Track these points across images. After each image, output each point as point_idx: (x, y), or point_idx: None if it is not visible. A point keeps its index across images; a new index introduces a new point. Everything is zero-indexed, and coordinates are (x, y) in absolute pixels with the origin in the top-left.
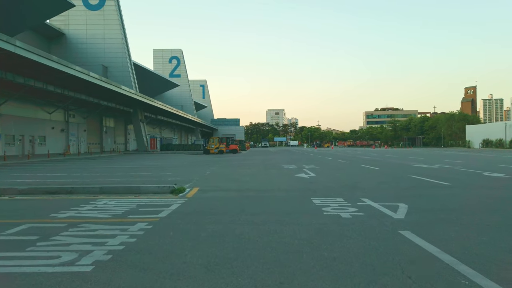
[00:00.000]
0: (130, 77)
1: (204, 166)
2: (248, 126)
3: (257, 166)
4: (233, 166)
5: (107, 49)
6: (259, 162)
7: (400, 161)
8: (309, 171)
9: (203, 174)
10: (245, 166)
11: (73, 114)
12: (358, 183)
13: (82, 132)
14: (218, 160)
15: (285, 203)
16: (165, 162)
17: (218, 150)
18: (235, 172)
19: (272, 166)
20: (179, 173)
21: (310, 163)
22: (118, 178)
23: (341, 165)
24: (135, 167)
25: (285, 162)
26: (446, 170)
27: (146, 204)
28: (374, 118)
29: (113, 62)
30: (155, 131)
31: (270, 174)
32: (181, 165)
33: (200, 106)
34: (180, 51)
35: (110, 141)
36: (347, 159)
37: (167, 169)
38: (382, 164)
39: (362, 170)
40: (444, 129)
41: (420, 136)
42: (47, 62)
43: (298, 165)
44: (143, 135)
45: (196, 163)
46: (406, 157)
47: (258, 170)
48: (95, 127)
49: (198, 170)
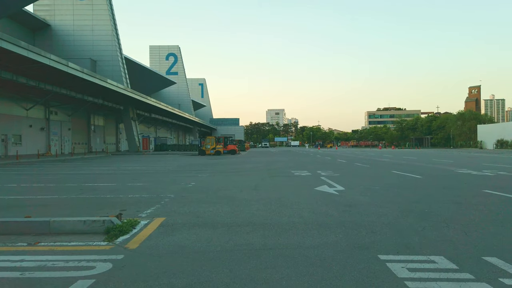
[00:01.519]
0: (121, 71)
1: (192, 171)
2: (247, 126)
3: (260, 172)
4: (229, 173)
5: (96, 41)
6: (261, 166)
7: (430, 165)
8: (331, 181)
9: (185, 185)
10: (245, 173)
11: (55, 111)
12: (421, 204)
13: (66, 131)
14: (213, 163)
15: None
16: (149, 166)
17: (215, 151)
18: (230, 184)
19: (279, 172)
20: (154, 183)
21: (323, 167)
22: (53, 195)
23: (364, 170)
24: (105, 173)
25: (294, 166)
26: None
27: (24, 277)
28: (376, 118)
29: (102, 56)
30: (150, 130)
31: (279, 186)
32: (165, 170)
33: (199, 105)
34: (177, 47)
35: (99, 141)
36: (364, 161)
37: (142, 177)
38: (416, 170)
39: (401, 180)
40: (454, 129)
41: (428, 136)
42: (14, 48)
43: (311, 170)
44: (134, 134)
45: (184, 168)
46: (429, 159)
47: (261, 179)
48: (81, 126)
49: (182, 178)
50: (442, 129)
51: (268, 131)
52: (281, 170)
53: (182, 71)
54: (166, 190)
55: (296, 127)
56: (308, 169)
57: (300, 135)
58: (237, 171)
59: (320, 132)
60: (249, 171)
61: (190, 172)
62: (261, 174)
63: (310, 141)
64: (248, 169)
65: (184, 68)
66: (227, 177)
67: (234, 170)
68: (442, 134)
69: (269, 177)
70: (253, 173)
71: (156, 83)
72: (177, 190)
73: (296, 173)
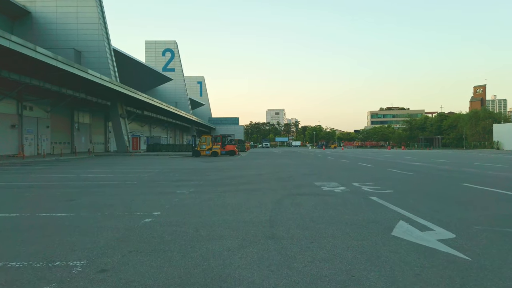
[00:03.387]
0: (108, 64)
1: (171, 183)
2: (247, 126)
3: (269, 184)
4: (224, 186)
5: (81, 30)
6: (268, 173)
7: (476, 170)
8: (399, 208)
9: (137, 222)
10: (247, 186)
11: (30, 106)
12: None
13: (43, 128)
14: (205, 168)
15: None
16: (121, 172)
17: (211, 152)
18: (221, 214)
19: (297, 185)
20: (89, 212)
21: (353, 175)
22: None
23: (417, 181)
24: (41, 184)
25: (311, 173)
26: None
27: None
28: (379, 118)
29: (88, 47)
30: (144, 129)
31: (314, 225)
32: (136, 180)
33: (197, 104)
34: (174, 43)
35: (84, 140)
36: (395, 166)
37: (85, 196)
38: (483, 179)
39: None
40: (467, 129)
41: (438, 136)
42: None
43: (341, 181)
44: (123, 133)
45: (166, 176)
46: (467, 163)
47: (276, 203)
48: (63, 123)
49: (146, 199)
50: (453, 129)
51: (268, 131)
52: (298, 180)
53: (180, 68)
54: (82, 242)
55: (297, 127)
56: (335, 179)
57: (301, 135)
58: (235, 182)
59: (323, 132)
60: (253, 183)
61: (168, 184)
62: (271, 188)
63: (312, 141)
64: (251, 179)
65: (181, 65)
66: (219, 198)
67: (231, 181)
68: (454, 134)
69: (286, 196)
70: (260, 186)
71: (151, 79)
72: (107, 240)
73: (324, 187)
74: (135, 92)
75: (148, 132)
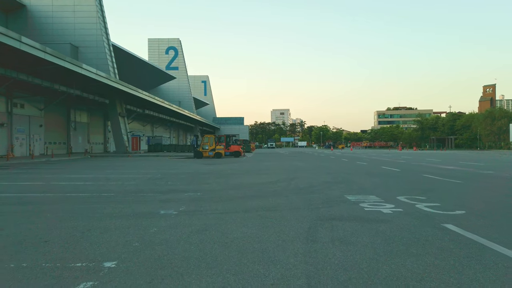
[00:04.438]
0: (107, 59)
1: (157, 196)
2: (252, 126)
3: (286, 198)
4: (229, 204)
5: (78, 24)
6: (282, 180)
7: None
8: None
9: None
10: (260, 203)
11: (21, 103)
12: None
13: (36, 128)
14: (205, 173)
15: None
16: (106, 179)
17: (214, 153)
18: (224, 279)
19: (326, 201)
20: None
21: (390, 185)
22: None
23: (475, 191)
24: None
25: (334, 181)
26: None
27: None
28: (386, 118)
29: (85, 41)
30: (146, 129)
31: None
32: (117, 190)
33: (202, 103)
34: (178, 40)
35: (81, 140)
36: (428, 171)
37: (33, 217)
38: None
39: None
40: (481, 128)
41: (451, 136)
42: None
43: (376, 191)
44: (122, 133)
45: (155, 185)
46: (505, 166)
47: (308, 237)
48: (58, 122)
49: (116, 226)
50: (467, 129)
51: (273, 131)
52: (323, 191)
53: (183, 66)
54: None
55: (303, 127)
56: (371, 191)
57: (307, 135)
58: (241, 195)
59: (330, 132)
60: (266, 197)
61: (153, 198)
62: (292, 205)
63: (319, 141)
64: (262, 190)
65: (185, 63)
66: (219, 226)
67: (237, 193)
68: (468, 134)
69: (318, 222)
70: (276, 202)
71: (154, 78)
72: None
73: (363, 204)
74: (135, 90)
75: (150, 132)
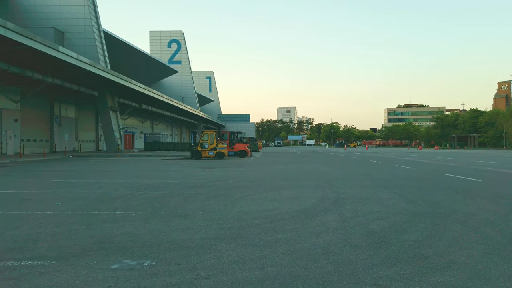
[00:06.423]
0: (96, 46)
1: (96, 247)
2: (258, 123)
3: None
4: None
5: (64, 7)
6: (321, 202)
7: None
8: None
9: None
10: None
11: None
12: None
13: (11, 123)
14: (197, 187)
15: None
16: (31, 199)
17: (216, 153)
18: None
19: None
20: None
21: (496, 214)
22: None
23: None
24: None
25: (417, 213)
26: None
27: None
28: (397, 116)
29: (71, 26)
30: (144, 125)
31: None
32: (52, 221)
33: (206, 100)
34: (180, 33)
35: (68, 137)
36: (508, 182)
37: None
38: None
39: None
40: (507, 126)
41: (474, 134)
42: None
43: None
44: (113, 129)
45: (121, 204)
46: None
47: None
48: (39, 117)
49: None
50: (491, 126)
51: (280, 129)
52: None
53: (186, 60)
54: None
55: (311, 124)
56: (493, 239)
57: (315, 133)
58: (257, 265)
59: (340, 130)
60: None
61: (92, 251)
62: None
63: (329, 139)
64: (293, 244)
65: (188, 57)
66: None
67: (245, 252)
68: (492, 132)
69: None
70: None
71: (156, 71)
72: None
73: None
74: (128, 81)
75: (150, 129)
